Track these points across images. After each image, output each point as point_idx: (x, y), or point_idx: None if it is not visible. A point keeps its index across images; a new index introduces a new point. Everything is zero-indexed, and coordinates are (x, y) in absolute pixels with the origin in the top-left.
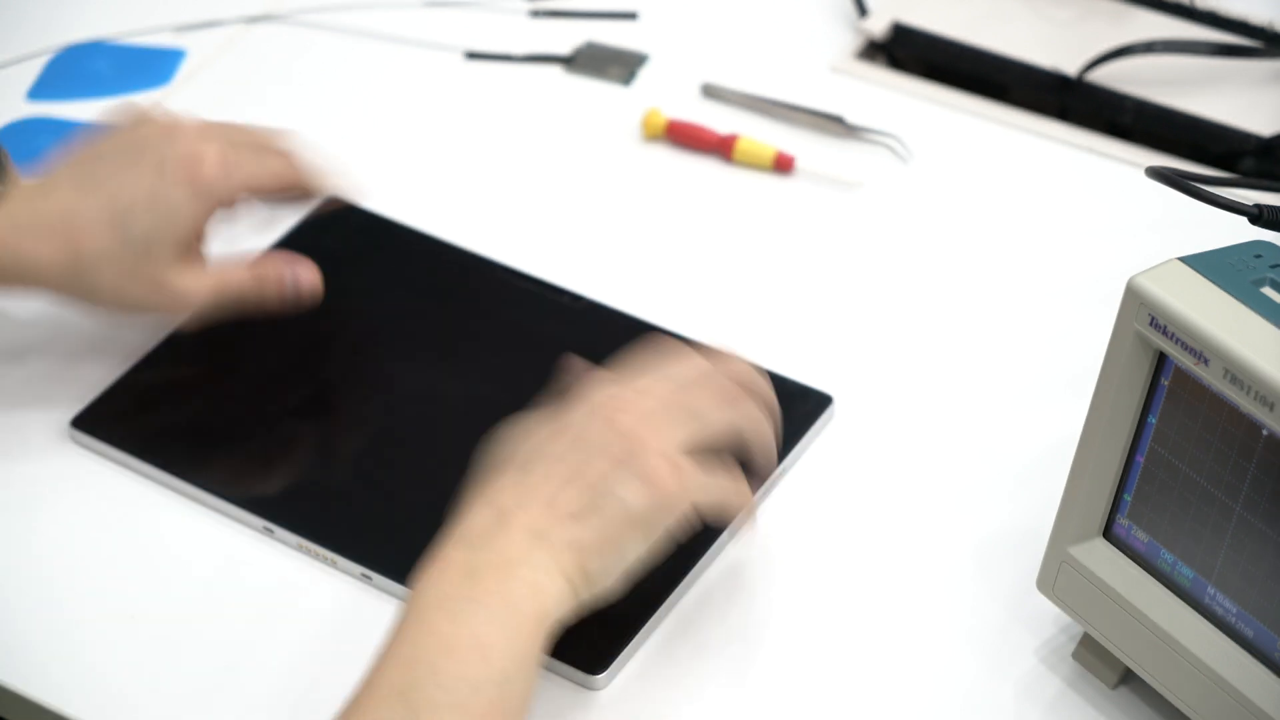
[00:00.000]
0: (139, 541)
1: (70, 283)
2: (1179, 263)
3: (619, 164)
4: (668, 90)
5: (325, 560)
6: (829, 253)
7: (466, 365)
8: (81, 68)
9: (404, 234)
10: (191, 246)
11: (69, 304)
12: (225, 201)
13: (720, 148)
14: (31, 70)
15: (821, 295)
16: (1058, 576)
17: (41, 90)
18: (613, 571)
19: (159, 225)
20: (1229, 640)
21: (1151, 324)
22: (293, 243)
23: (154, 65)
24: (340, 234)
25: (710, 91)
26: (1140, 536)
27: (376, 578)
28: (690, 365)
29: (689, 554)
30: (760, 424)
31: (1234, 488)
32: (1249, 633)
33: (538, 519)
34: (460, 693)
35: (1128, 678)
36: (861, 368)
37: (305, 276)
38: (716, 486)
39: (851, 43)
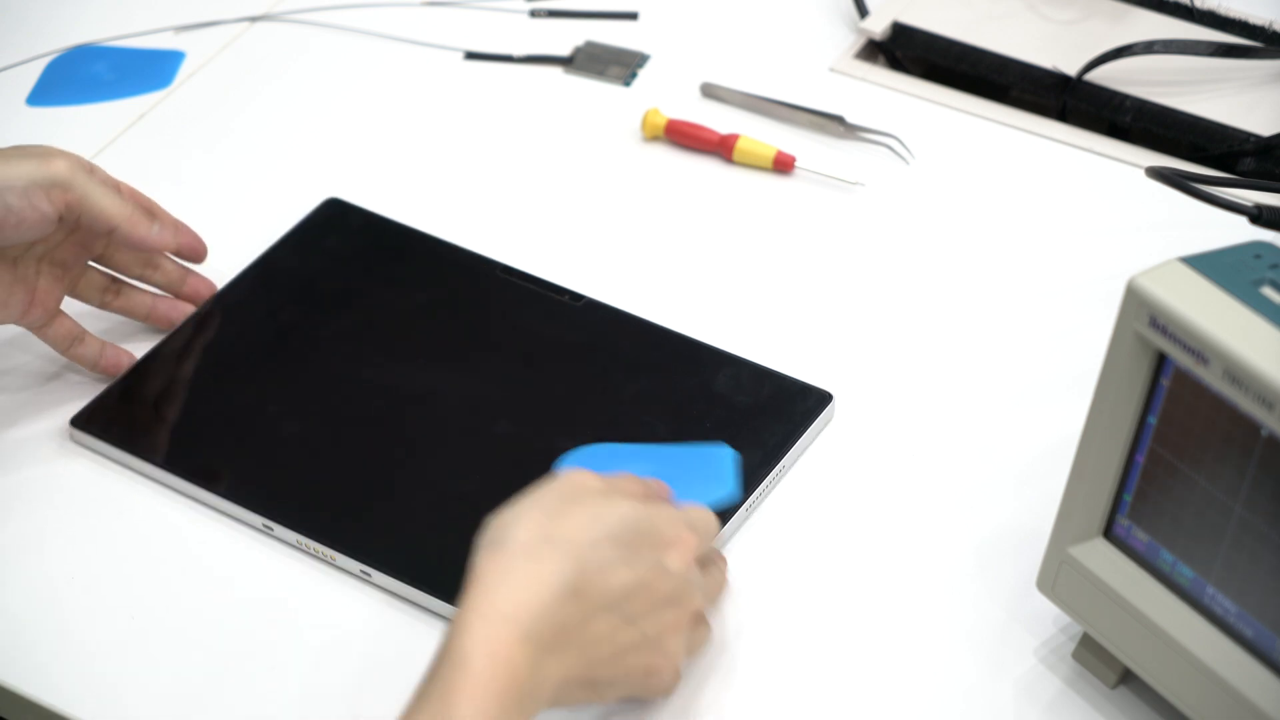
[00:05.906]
0: (138, 540)
1: None
2: (1179, 263)
3: (619, 164)
4: (667, 90)
5: (324, 558)
6: (829, 253)
7: (466, 364)
8: (81, 71)
9: (404, 233)
10: None
11: None
12: None
13: (720, 147)
14: (30, 75)
15: (821, 294)
16: (1058, 576)
17: (41, 95)
18: None
19: None
20: (1229, 640)
21: (1152, 324)
22: (292, 242)
23: (154, 67)
24: (340, 233)
25: (710, 91)
26: (1140, 536)
27: (376, 575)
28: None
29: None
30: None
31: (1233, 488)
32: (1249, 633)
33: (570, 683)
34: None
35: (1127, 678)
36: (861, 366)
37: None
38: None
39: (851, 43)
